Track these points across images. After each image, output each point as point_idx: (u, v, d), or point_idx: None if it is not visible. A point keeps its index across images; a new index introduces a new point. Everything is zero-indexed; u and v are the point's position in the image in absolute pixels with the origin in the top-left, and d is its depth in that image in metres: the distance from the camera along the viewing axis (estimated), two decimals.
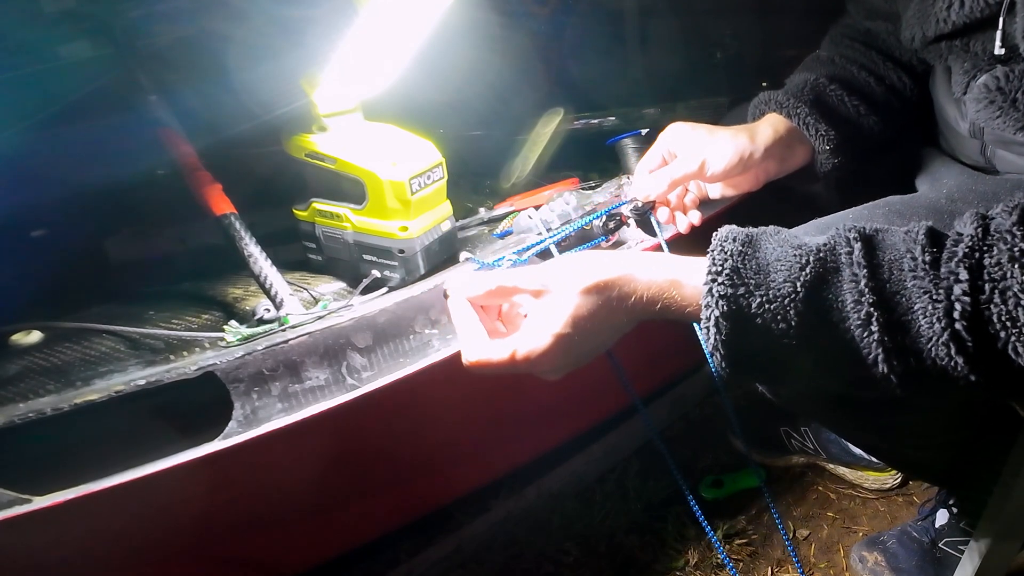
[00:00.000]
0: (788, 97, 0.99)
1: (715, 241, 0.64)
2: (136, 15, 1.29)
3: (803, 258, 0.60)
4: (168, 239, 1.21)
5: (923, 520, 1.23)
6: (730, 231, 0.65)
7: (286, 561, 1.06)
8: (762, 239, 0.64)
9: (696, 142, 0.94)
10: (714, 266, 0.62)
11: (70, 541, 0.82)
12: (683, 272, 0.66)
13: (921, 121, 1.04)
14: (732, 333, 0.61)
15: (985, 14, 0.78)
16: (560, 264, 0.69)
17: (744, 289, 0.60)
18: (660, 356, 1.33)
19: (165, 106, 1.23)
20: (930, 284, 0.56)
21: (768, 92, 1.02)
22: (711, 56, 1.78)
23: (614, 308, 0.66)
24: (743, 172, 0.96)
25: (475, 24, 1.41)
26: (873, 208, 0.87)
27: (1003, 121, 0.81)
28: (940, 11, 0.82)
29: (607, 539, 1.31)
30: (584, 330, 0.66)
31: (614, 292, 0.66)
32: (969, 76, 0.85)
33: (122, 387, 0.82)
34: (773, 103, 1.00)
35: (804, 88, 1.00)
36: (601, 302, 0.66)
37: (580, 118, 1.53)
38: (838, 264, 0.59)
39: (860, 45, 1.03)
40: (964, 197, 0.86)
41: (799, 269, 0.60)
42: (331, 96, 1.07)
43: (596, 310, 0.66)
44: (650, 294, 0.66)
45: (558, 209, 1.13)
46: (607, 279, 0.66)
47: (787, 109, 0.98)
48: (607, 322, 0.67)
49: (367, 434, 1.00)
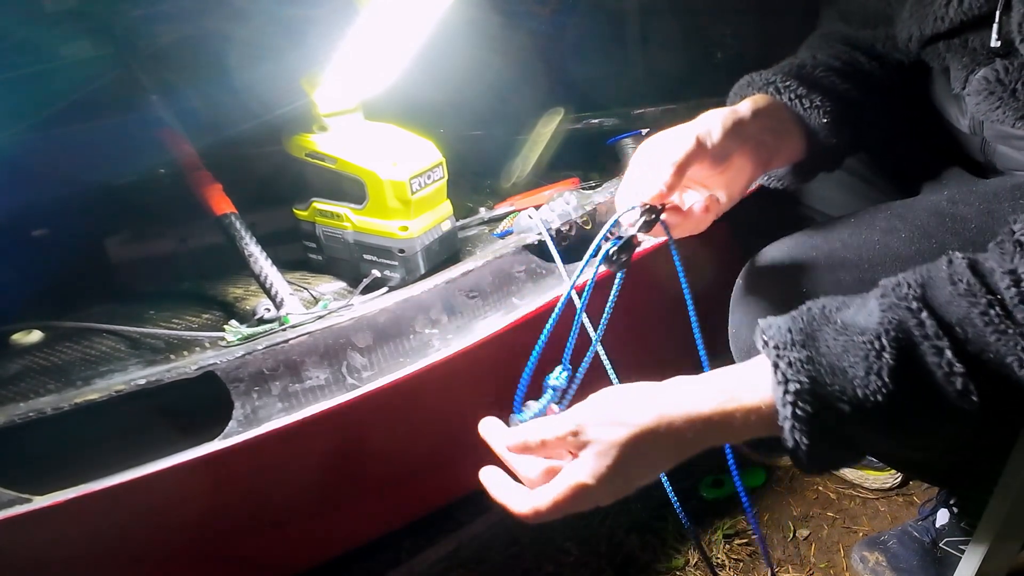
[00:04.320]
0: (775, 74, 0.88)
1: (767, 349, 0.60)
2: (137, 15, 1.29)
3: (874, 344, 0.57)
4: (168, 239, 1.21)
5: (924, 520, 1.23)
6: (776, 331, 0.61)
7: (286, 561, 1.06)
8: (818, 334, 0.60)
9: (679, 131, 0.79)
10: (783, 385, 0.58)
11: (70, 541, 0.82)
12: (734, 397, 0.61)
13: (918, 123, 1.04)
14: (819, 442, 0.59)
15: (983, 11, 0.78)
16: (593, 412, 0.64)
17: (825, 402, 0.58)
18: (661, 355, 1.33)
19: (166, 106, 1.23)
20: (1015, 336, 0.55)
21: (748, 76, 0.92)
22: (711, 56, 1.78)
23: (660, 454, 0.62)
24: (740, 145, 0.81)
25: (475, 24, 1.41)
26: (875, 212, 0.87)
27: (1002, 112, 0.82)
28: (938, 9, 0.82)
29: (607, 539, 1.31)
30: (629, 476, 0.63)
31: (657, 439, 0.61)
32: (968, 71, 0.85)
33: (122, 387, 0.83)
34: (759, 81, 0.89)
35: (790, 69, 0.90)
36: (643, 452, 0.62)
37: (580, 118, 1.53)
38: (912, 340, 0.57)
39: (842, 46, 0.98)
40: (965, 198, 0.86)
41: (875, 358, 0.57)
42: (331, 96, 1.07)
43: (639, 458, 0.62)
44: (695, 431, 0.61)
45: (558, 209, 1.13)
46: (645, 428, 0.61)
47: (775, 85, 0.87)
48: (654, 465, 0.64)
49: (367, 434, 1.00)
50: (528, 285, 1.06)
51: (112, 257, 1.19)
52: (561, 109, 1.49)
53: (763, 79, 0.88)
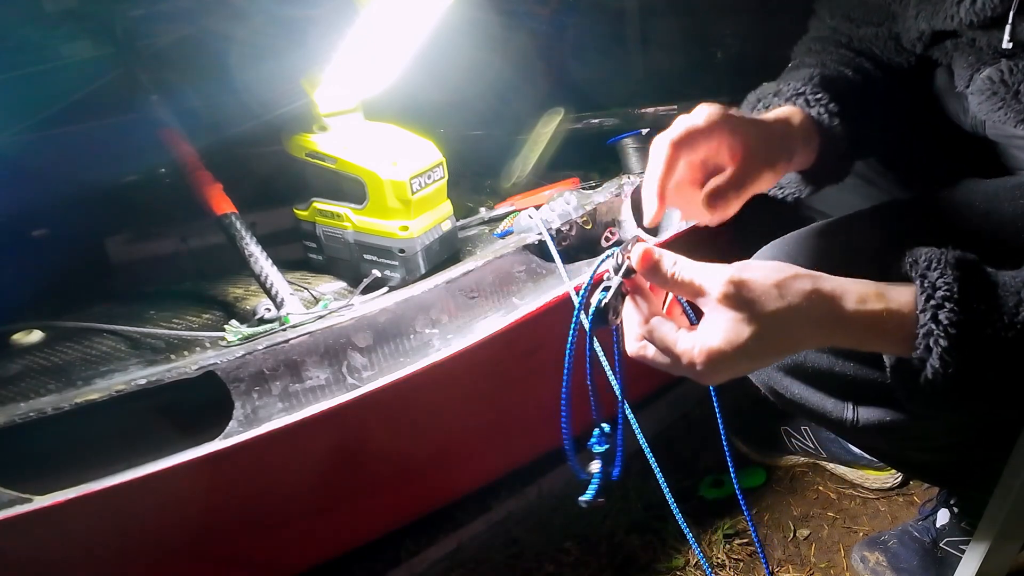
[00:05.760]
0: (803, 84, 0.86)
1: (917, 262, 0.61)
2: (137, 15, 1.29)
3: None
4: (169, 239, 1.21)
5: (924, 520, 1.23)
6: (930, 252, 0.61)
7: (286, 561, 1.06)
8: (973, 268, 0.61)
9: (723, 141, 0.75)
10: (931, 286, 0.59)
11: (70, 541, 0.82)
12: (891, 299, 0.61)
13: (919, 124, 1.04)
14: (961, 358, 0.58)
15: (995, 12, 0.78)
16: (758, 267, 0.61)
17: (969, 313, 0.58)
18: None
19: (166, 106, 1.23)
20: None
21: (771, 85, 0.90)
22: (712, 56, 1.78)
23: (811, 315, 0.60)
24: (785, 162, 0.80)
25: (475, 24, 1.41)
26: (875, 211, 0.87)
27: (1004, 113, 0.82)
28: (950, 7, 0.82)
29: (607, 539, 1.31)
30: (777, 336, 0.60)
31: (813, 296, 0.60)
32: (973, 70, 0.85)
33: (123, 386, 0.83)
34: (787, 92, 0.86)
35: (811, 77, 0.88)
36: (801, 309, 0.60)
37: (580, 118, 1.53)
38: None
39: (847, 52, 0.97)
40: (966, 198, 0.86)
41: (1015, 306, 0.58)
42: (332, 96, 1.08)
43: (794, 314, 0.59)
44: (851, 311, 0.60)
45: (558, 209, 1.13)
46: (812, 286, 0.60)
47: (804, 97, 0.84)
48: (799, 330, 0.61)
49: (367, 434, 1.00)
50: (528, 285, 1.06)
51: (112, 257, 1.19)
52: (561, 109, 1.49)
53: (792, 89, 0.86)
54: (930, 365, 0.59)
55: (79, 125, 1.23)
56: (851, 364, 0.82)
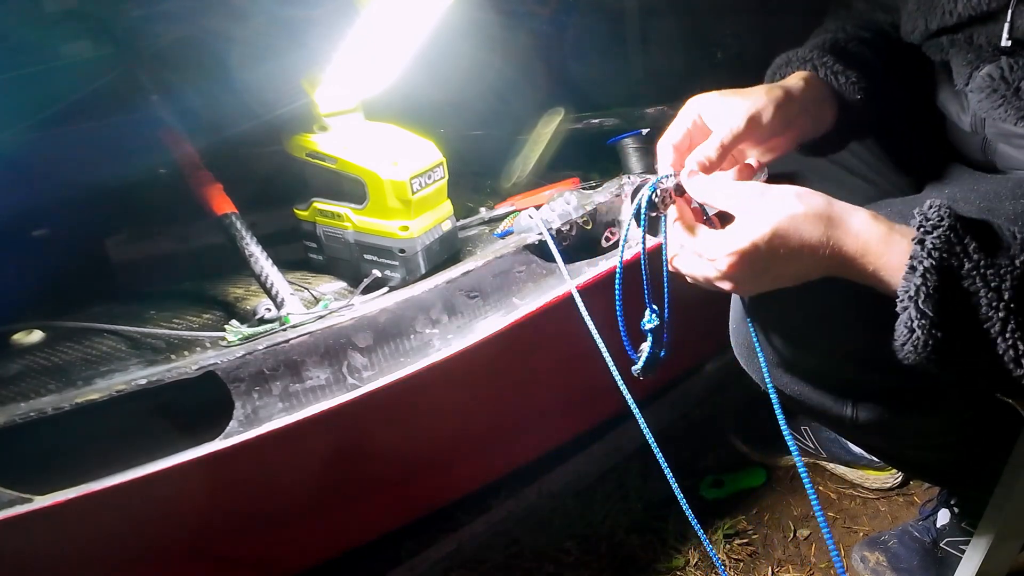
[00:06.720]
0: (811, 51, 0.91)
1: (921, 210, 0.66)
2: (137, 15, 1.29)
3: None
4: (169, 239, 1.21)
5: (924, 520, 1.23)
6: (933, 201, 0.66)
7: (286, 561, 1.06)
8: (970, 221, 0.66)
9: (731, 104, 0.83)
10: (928, 224, 0.64)
11: (70, 541, 0.83)
12: (895, 228, 0.68)
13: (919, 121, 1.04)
14: (938, 290, 0.62)
15: (992, 7, 0.78)
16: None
17: (959, 248, 0.63)
18: None
19: (166, 106, 1.23)
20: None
21: (788, 53, 0.95)
22: (712, 56, 1.78)
23: (823, 242, 0.68)
24: (784, 129, 0.85)
25: (475, 24, 1.41)
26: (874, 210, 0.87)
27: (1004, 110, 0.81)
28: (947, 3, 0.82)
29: (608, 539, 1.31)
30: (788, 249, 0.67)
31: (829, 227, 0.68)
32: (972, 67, 0.85)
33: (123, 386, 0.83)
34: (797, 60, 0.92)
35: (824, 43, 0.92)
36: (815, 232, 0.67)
37: (580, 118, 1.53)
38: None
39: (869, 17, 1.01)
40: (966, 196, 0.86)
41: (1020, 250, 0.63)
42: (332, 96, 1.08)
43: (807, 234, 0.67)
44: (860, 242, 0.68)
45: (559, 209, 1.13)
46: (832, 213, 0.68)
47: (812, 63, 0.90)
48: (811, 253, 0.68)
49: (368, 434, 1.00)
50: (528, 285, 1.06)
51: (112, 257, 1.19)
52: (561, 109, 1.49)
53: (800, 57, 0.92)
54: (912, 284, 0.63)
55: (79, 125, 1.23)
56: (851, 364, 0.82)
